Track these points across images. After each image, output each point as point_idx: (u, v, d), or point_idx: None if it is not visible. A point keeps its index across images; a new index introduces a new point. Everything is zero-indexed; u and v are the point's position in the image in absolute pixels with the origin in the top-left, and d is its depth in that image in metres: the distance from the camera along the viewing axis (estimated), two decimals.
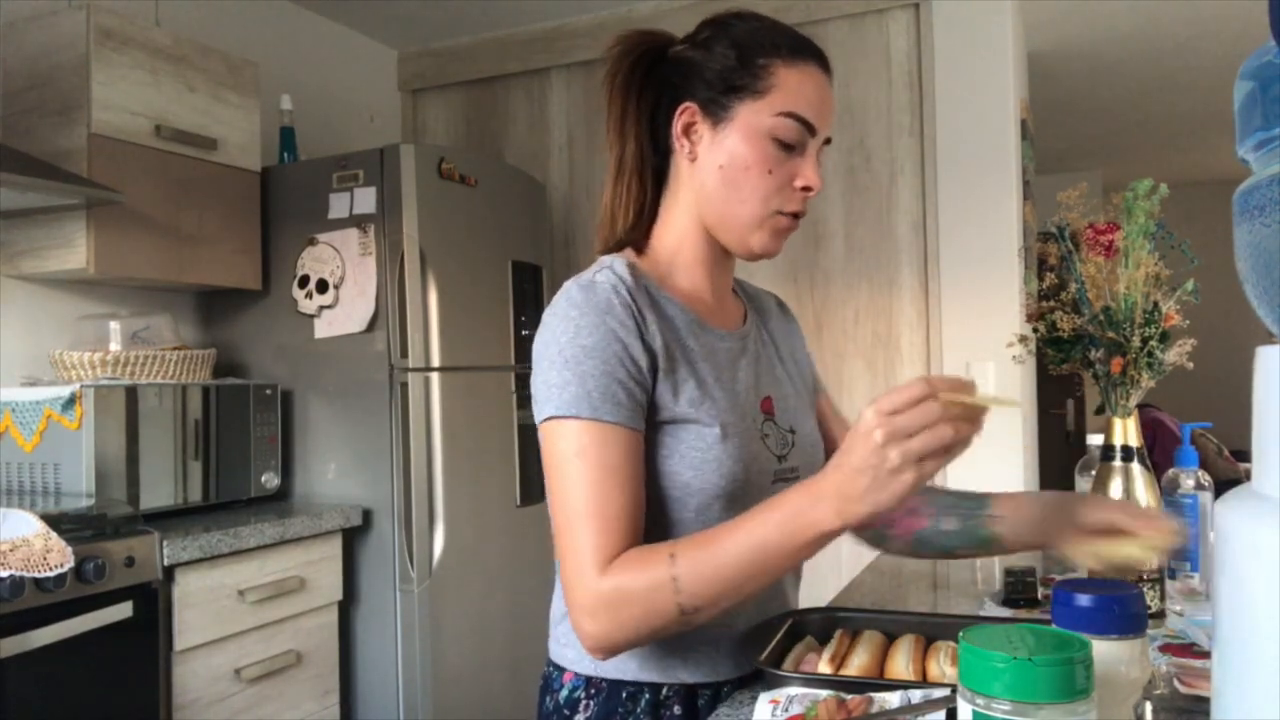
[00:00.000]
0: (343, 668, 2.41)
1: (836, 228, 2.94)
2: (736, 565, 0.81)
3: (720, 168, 0.96)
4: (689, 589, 0.81)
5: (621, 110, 1.00)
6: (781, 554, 0.81)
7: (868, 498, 0.76)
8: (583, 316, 0.90)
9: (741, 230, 0.98)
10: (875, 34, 2.89)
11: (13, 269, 2.27)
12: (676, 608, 0.82)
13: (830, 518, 0.78)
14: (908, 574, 1.55)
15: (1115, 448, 1.17)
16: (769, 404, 1.03)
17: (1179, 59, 3.75)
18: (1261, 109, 0.47)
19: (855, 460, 0.76)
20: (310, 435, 2.58)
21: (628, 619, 0.83)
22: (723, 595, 0.82)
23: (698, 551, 0.82)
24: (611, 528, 0.85)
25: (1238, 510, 0.46)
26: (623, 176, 1.01)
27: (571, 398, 0.88)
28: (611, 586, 0.83)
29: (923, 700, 0.78)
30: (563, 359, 0.89)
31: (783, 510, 0.81)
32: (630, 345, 0.90)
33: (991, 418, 0.77)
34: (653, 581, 0.82)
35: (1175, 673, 0.94)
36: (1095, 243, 1.17)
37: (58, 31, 2.18)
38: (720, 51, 0.96)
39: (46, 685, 1.68)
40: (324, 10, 3.23)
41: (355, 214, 2.48)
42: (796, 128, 0.95)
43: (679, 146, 0.98)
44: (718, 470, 0.92)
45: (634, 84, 1.00)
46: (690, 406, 0.93)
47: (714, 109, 0.96)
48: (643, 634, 0.85)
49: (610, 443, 0.87)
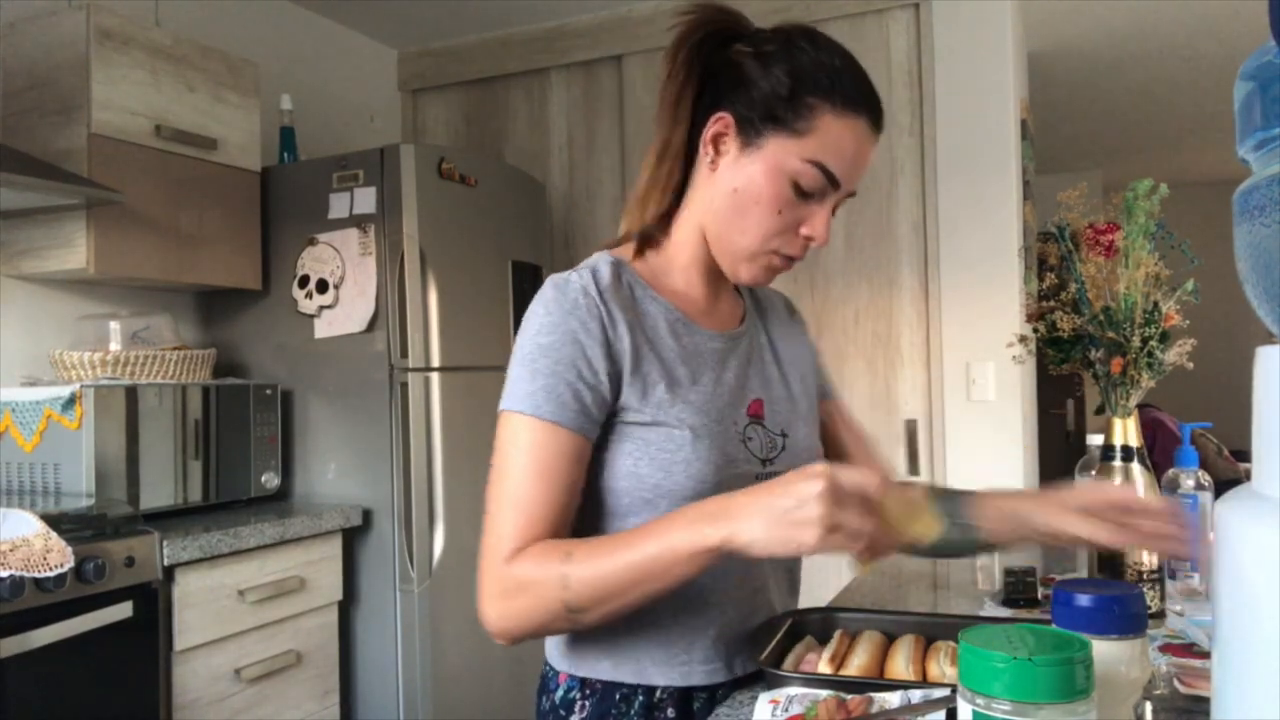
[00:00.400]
0: (343, 668, 2.41)
1: (837, 228, 2.91)
2: (623, 572, 0.82)
3: (734, 190, 0.94)
4: (576, 588, 0.83)
5: (680, 88, 0.96)
6: (663, 565, 0.81)
7: (769, 532, 0.77)
8: (548, 315, 0.92)
9: (734, 257, 0.97)
10: (875, 34, 2.89)
11: (13, 269, 2.27)
12: (563, 605, 0.84)
13: (718, 533, 0.78)
14: (908, 574, 1.55)
15: (1115, 448, 1.17)
16: (758, 406, 1.01)
17: (1179, 59, 3.75)
18: (1261, 109, 0.47)
19: (781, 491, 0.77)
20: (310, 435, 2.58)
21: (520, 608, 0.86)
22: (608, 599, 0.84)
23: (592, 554, 0.84)
24: (530, 520, 0.87)
25: (1238, 510, 0.46)
26: (665, 159, 0.98)
27: (522, 393, 0.90)
28: (511, 574, 0.86)
29: (923, 700, 0.78)
30: (522, 354, 0.92)
31: (676, 522, 0.82)
32: (588, 348, 0.90)
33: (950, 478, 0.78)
34: (545, 576, 0.84)
35: (1175, 673, 0.94)
36: (1095, 243, 1.17)
37: (58, 31, 2.18)
38: (776, 75, 0.92)
39: (46, 685, 1.68)
40: (324, 10, 3.23)
41: (355, 214, 2.48)
42: (820, 178, 0.92)
43: (704, 151, 0.96)
44: (685, 472, 0.91)
45: (698, 62, 0.96)
46: (658, 409, 0.92)
47: (748, 130, 0.93)
48: (533, 625, 0.87)
49: (548, 443, 0.89)
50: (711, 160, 0.96)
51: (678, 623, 0.95)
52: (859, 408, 2.89)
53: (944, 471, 2.77)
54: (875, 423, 2.87)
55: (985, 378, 2.73)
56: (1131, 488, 1.14)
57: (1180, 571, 1.27)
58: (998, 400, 2.72)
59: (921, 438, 2.81)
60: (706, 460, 0.92)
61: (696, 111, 0.96)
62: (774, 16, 1.02)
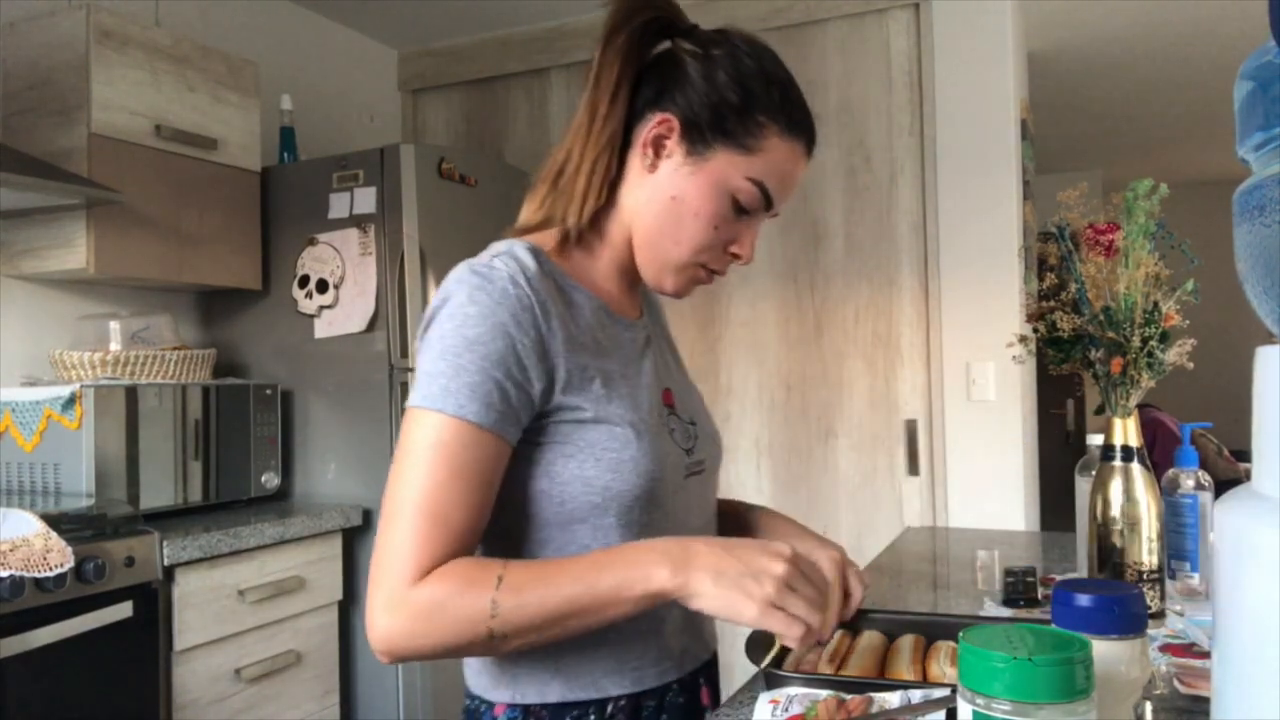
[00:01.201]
0: (343, 668, 2.41)
1: (836, 228, 2.94)
2: (563, 605, 0.77)
3: (672, 198, 0.90)
4: (505, 616, 0.77)
5: (619, 76, 0.90)
6: (605, 600, 0.77)
7: (716, 591, 0.76)
8: (473, 305, 0.83)
9: (661, 266, 0.93)
10: (875, 34, 2.89)
11: (13, 269, 2.27)
12: (487, 632, 0.77)
13: (674, 580, 0.77)
14: (908, 574, 1.55)
15: (1115, 448, 1.17)
16: (669, 396, 0.98)
17: (1179, 59, 3.75)
18: (1262, 109, 0.47)
19: (741, 555, 0.78)
20: (310, 435, 2.58)
21: (434, 630, 0.77)
22: (539, 629, 0.78)
23: (527, 581, 0.78)
24: (443, 534, 0.79)
25: (1238, 510, 0.46)
26: (604, 151, 0.91)
27: (440, 390, 0.81)
28: (427, 595, 0.77)
29: (923, 700, 0.78)
30: (442, 346, 0.82)
31: (626, 557, 0.79)
32: (520, 343, 0.83)
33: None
34: (471, 602, 0.77)
35: (1175, 673, 0.94)
36: (1095, 243, 1.17)
37: (58, 31, 2.18)
38: (724, 83, 0.89)
39: (46, 685, 1.68)
40: (324, 10, 3.23)
41: (355, 214, 2.48)
42: (759, 198, 0.90)
43: (643, 152, 0.91)
44: (635, 470, 0.86)
45: (638, 50, 0.91)
46: (597, 405, 0.87)
47: (694, 138, 0.89)
48: (439, 649, 0.79)
49: (469, 445, 0.80)
50: (651, 163, 0.91)
51: (629, 627, 0.89)
52: (859, 408, 2.89)
53: (944, 471, 2.77)
54: (875, 423, 2.87)
55: (985, 378, 2.73)
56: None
57: (1180, 572, 1.27)
58: (998, 400, 2.72)
59: (921, 438, 2.81)
60: (651, 457, 0.88)
61: (632, 103, 0.92)
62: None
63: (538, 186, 0.97)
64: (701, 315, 3.08)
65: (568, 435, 0.86)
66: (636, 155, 0.92)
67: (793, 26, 2.93)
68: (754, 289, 3.03)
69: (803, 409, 2.96)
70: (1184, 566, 1.26)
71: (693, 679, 0.98)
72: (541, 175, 0.96)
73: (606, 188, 0.93)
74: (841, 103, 2.92)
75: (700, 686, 0.99)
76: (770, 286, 3.02)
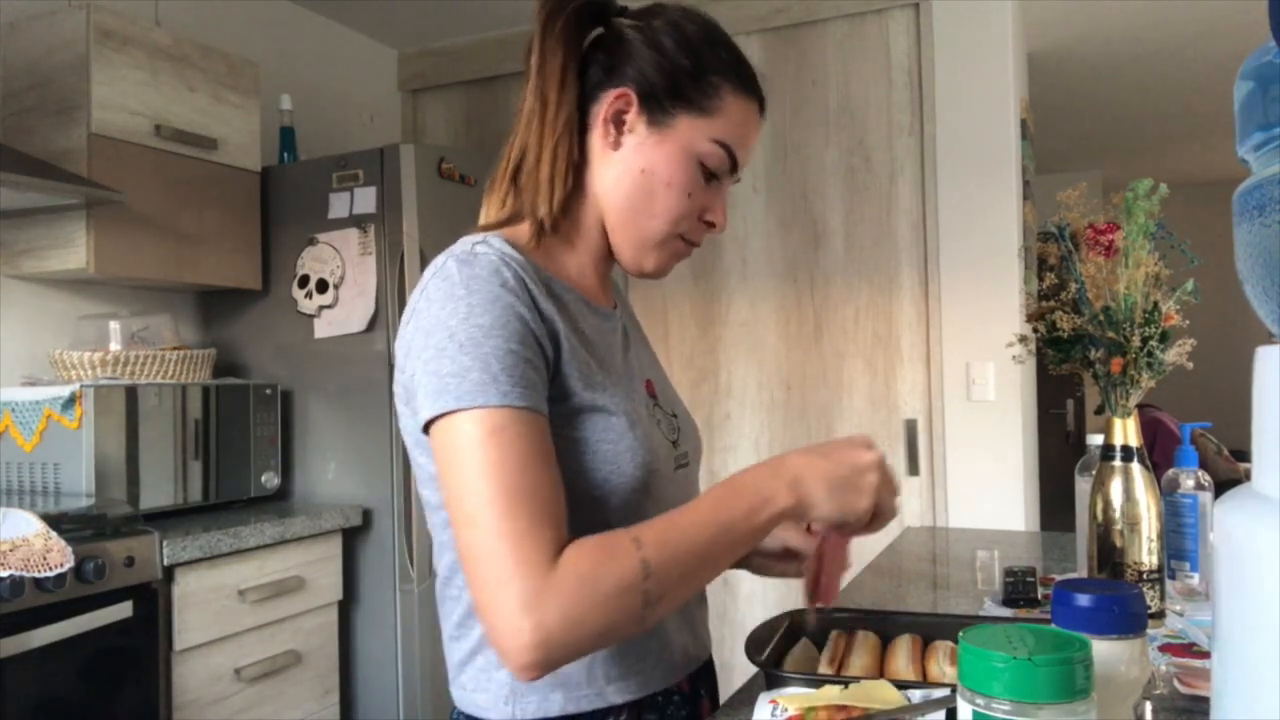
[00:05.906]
0: (343, 668, 2.41)
1: (836, 228, 2.94)
2: (703, 550, 0.75)
3: (642, 171, 0.89)
4: (658, 575, 0.72)
5: (565, 58, 0.89)
6: (741, 534, 0.77)
7: (831, 498, 0.79)
8: (472, 295, 0.78)
9: (640, 244, 0.91)
10: (875, 34, 2.89)
11: (13, 269, 2.27)
12: (642, 599, 0.72)
13: (794, 495, 0.78)
14: (907, 574, 1.55)
15: (1115, 448, 1.17)
16: (651, 387, 0.97)
17: (1179, 59, 3.75)
18: (1262, 109, 0.47)
19: (836, 458, 0.80)
20: (310, 435, 2.58)
21: (593, 611, 0.70)
22: (686, 584, 0.75)
23: (663, 539, 0.74)
24: (548, 514, 0.73)
25: (1238, 510, 0.45)
26: (565, 137, 0.89)
27: (474, 385, 0.74)
28: (573, 573, 0.70)
29: (923, 700, 0.78)
30: (456, 344, 0.76)
31: (742, 488, 0.79)
32: (530, 321, 0.79)
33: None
34: (621, 568, 0.71)
35: (1175, 673, 0.94)
36: (1095, 243, 1.17)
37: (58, 31, 2.18)
38: (672, 50, 0.88)
39: (46, 685, 1.68)
40: (324, 10, 3.23)
41: (355, 214, 2.48)
42: (725, 160, 0.90)
43: (603, 130, 0.89)
44: (633, 461, 0.84)
45: (577, 33, 0.90)
46: (594, 392, 0.84)
47: (654, 108, 0.88)
48: (599, 633, 0.71)
49: (526, 427, 0.75)
50: (614, 139, 0.89)
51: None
52: (859, 407, 2.89)
53: (944, 471, 2.77)
54: (875, 423, 2.87)
55: (985, 378, 2.73)
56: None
57: (1180, 572, 1.27)
58: (998, 400, 2.72)
59: (921, 438, 2.81)
60: (646, 447, 0.86)
61: (581, 86, 0.91)
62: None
63: (495, 186, 0.94)
64: (701, 315, 3.08)
65: (570, 423, 0.83)
66: (597, 135, 0.91)
67: (793, 26, 2.94)
68: (754, 289, 3.03)
69: (802, 409, 2.96)
70: (1184, 566, 1.26)
71: (693, 688, 0.97)
72: (497, 174, 0.94)
73: (572, 172, 0.90)
74: (841, 102, 2.92)
75: (701, 699, 0.98)
76: (770, 286, 3.01)
